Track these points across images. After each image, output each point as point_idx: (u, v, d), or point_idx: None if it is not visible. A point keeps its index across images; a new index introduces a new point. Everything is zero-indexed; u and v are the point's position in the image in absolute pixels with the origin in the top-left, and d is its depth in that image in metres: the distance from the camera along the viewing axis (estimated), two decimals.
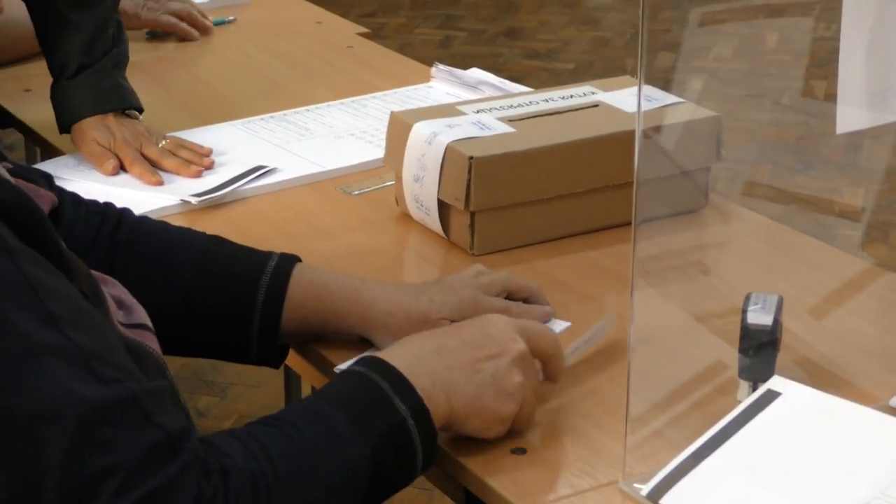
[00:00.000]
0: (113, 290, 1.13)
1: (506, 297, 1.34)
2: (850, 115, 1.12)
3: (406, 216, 1.58)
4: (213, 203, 1.61)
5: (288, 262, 1.31)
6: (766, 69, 2.36)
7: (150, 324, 1.15)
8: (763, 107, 2.54)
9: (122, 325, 1.09)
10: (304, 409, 1.09)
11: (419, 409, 1.08)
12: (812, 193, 1.65)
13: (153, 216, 1.45)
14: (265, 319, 1.30)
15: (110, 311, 1.07)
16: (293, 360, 1.36)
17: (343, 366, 1.24)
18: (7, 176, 1.04)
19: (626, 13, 5.68)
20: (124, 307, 1.13)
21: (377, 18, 5.71)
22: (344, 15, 5.29)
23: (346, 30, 2.33)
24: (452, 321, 1.27)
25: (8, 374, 0.89)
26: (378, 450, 1.05)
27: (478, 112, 1.60)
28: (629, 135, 1.29)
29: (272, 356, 1.33)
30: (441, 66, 1.98)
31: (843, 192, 2.17)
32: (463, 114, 1.59)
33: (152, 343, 1.12)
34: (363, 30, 2.32)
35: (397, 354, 1.13)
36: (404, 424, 1.07)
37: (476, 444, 1.14)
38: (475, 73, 1.98)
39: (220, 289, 1.31)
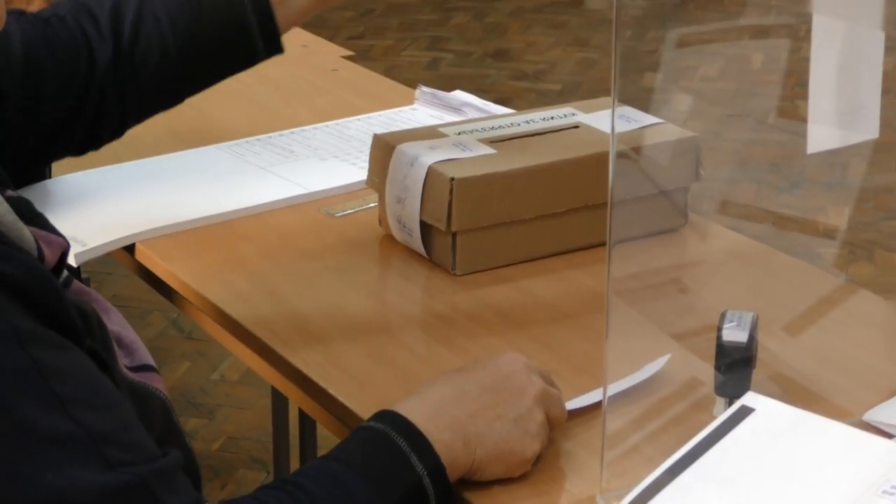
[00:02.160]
0: (113, 325, 1.14)
1: None
2: (821, 135, 1.14)
3: (389, 237, 1.60)
4: (196, 225, 1.62)
5: None
6: (752, 89, 2.38)
7: (153, 362, 1.16)
8: (748, 126, 2.56)
9: (128, 368, 1.10)
10: (320, 472, 1.08)
11: (436, 466, 1.08)
12: (794, 212, 1.67)
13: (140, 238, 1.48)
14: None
15: (117, 357, 1.08)
16: (280, 381, 1.38)
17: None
18: (20, 232, 1.03)
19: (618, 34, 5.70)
20: (125, 346, 1.14)
21: (365, 41, 5.73)
22: (332, 37, 5.32)
23: (331, 53, 2.34)
24: None
25: (16, 466, 0.89)
26: None
27: (459, 134, 1.61)
28: (608, 155, 1.32)
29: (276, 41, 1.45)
30: (425, 89, 2.00)
31: (825, 210, 2.19)
32: (445, 136, 1.61)
33: (158, 384, 1.14)
34: (348, 53, 2.33)
35: (416, 407, 1.13)
36: (420, 483, 1.07)
37: None
38: (458, 96, 1.99)
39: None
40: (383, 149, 1.59)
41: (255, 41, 1.47)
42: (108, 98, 1.49)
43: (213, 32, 1.47)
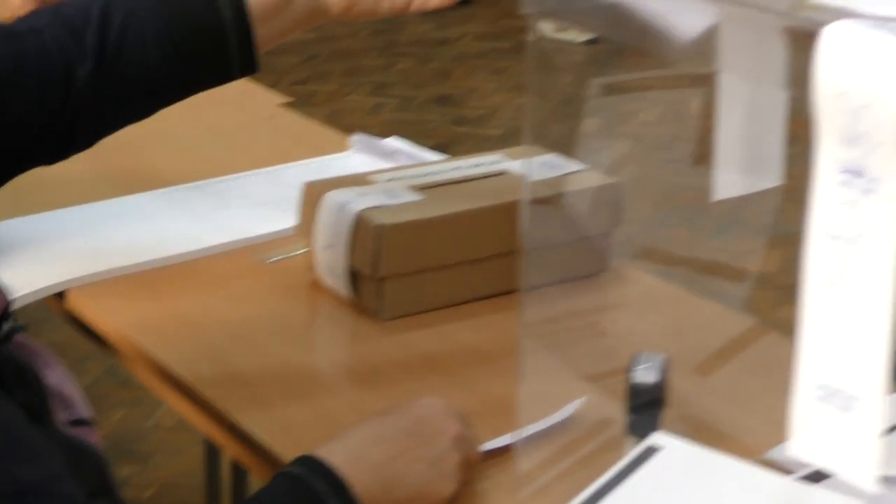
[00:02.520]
0: (53, 379, 1.16)
1: None
2: (728, 182, 1.17)
3: (319, 283, 1.62)
4: (129, 272, 1.64)
5: None
6: (690, 134, 2.43)
7: (90, 416, 1.18)
8: (685, 171, 2.61)
9: (65, 422, 1.12)
10: None
11: None
12: (726, 257, 1.70)
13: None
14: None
15: (54, 411, 1.09)
16: (211, 429, 1.40)
17: None
18: None
19: (555, 80, 5.76)
20: (63, 400, 1.16)
21: (308, 86, 5.75)
22: (275, 83, 5.37)
23: (268, 100, 2.35)
24: None
25: None
26: None
27: (389, 181, 1.65)
28: (543, 203, 1.37)
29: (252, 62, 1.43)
30: (359, 136, 2.02)
31: (757, 254, 2.24)
32: (374, 183, 1.65)
33: (93, 437, 1.15)
34: (286, 100, 2.34)
35: (337, 451, 1.15)
36: None
37: None
38: (392, 143, 2.03)
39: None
40: (313, 196, 1.62)
41: (231, 60, 1.47)
42: (84, 113, 1.47)
43: (192, 51, 1.47)
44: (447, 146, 4.63)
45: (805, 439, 0.91)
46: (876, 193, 0.81)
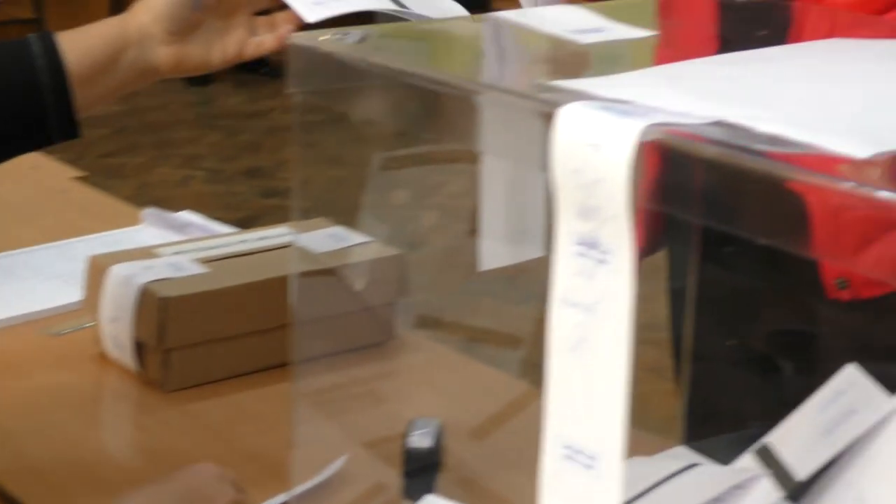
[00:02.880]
0: None
1: None
2: (493, 252, 1.21)
3: (105, 356, 1.61)
4: None
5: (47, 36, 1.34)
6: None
7: None
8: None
9: None
10: None
11: None
12: (523, 322, 1.75)
13: None
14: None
15: None
16: None
17: None
18: None
19: (365, 152, 5.80)
20: None
21: (117, 158, 5.71)
22: (82, 155, 5.32)
23: (61, 174, 2.33)
24: None
25: None
26: None
27: (175, 254, 1.66)
28: (313, 274, 1.39)
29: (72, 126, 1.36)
30: (151, 210, 2.02)
31: (536, 321, 2.30)
32: (160, 256, 1.65)
33: None
34: (80, 174, 2.33)
35: None
36: None
37: None
38: (184, 216, 2.03)
39: None
40: (99, 269, 1.61)
41: (50, 125, 1.45)
42: None
43: (9, 115, 1.46)
44: (256, 218, 4.63)
45: (554, 498, 0.93)
46: (609, 264, 0.85)
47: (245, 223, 2.08)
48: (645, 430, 1.46)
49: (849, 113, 0.91)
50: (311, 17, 1.27)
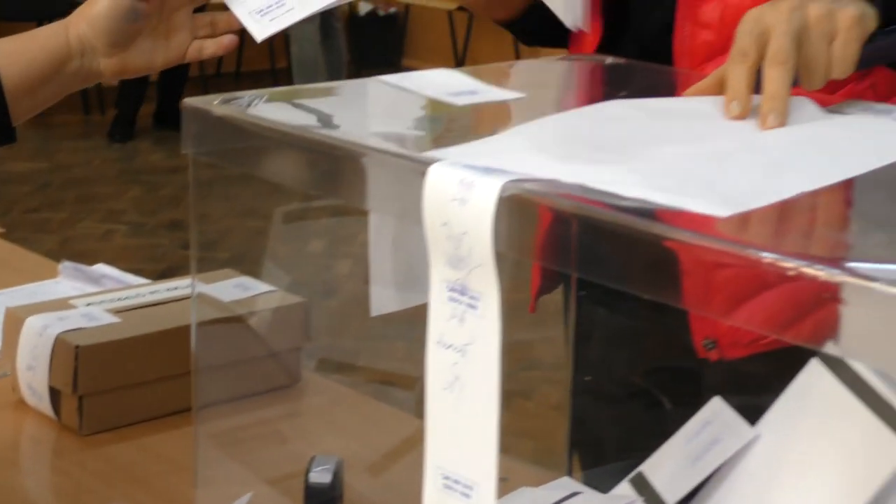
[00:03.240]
0: None
1: None
2: (383, 299, 1.22)
3: (23, 403, 1.60)
4: None
5: None
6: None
7: None
8: None
9: None
10: None
11: None
12: (398, 367, 1.78)
13: None
14: None
15: None
16: None
17: None
18: None
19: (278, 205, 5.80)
20: None
21: (41, 214, 5.67)
22: (7, 210, 5.27)
23: None
24: None
25: None
26: None
27: (89, 305, 1.66)
28: (221, 321, 1.41)
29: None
30: (67, 263, 2.01)
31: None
32: (75, 307, 1.65)
33: None
34: None
35: None
36: None
37: None
38: (99, 268, 2.02)
39: None
40: (15, 321, 1.61)
41: None
42: None
43: None
44: (177, 269, 4.62)
45: None
46: (478, 309, 0.88)
47: (167, 274, 2.10)
48: (539, 465, 1.49)
49: (707, 174, 0.93)
50: (260, 35, 1.28)
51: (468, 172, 0.87)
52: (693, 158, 0.97)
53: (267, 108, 1.11)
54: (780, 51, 1.10)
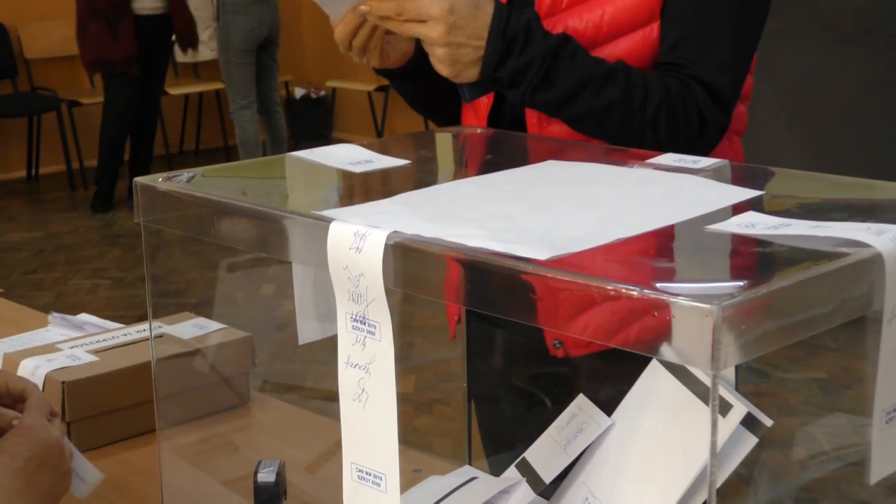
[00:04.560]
0: None
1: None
2: (308, 329, 1.21)
3: None
4: None
5: None
6: None
7: None
8: None
9: None
10: None
11: None
12: (328, 384, 1.78)
13: None
14: None
15: None
16: None
17: None
18: None
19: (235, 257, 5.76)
20: None
21: (37, 274, 5.61)
22: (9, 274, 5.19)
23: None
24: None
25: None
26: None
27: (72, 348, 1.66)
28: (181, 355, 1.41)
29: None
30: (55, 314, 1.99)
31: None
32: (61, 350, 1.65)
33: None
34: None
35: (8, 496, 1.13)
36: None
37: None
38: (82, 317, 2.00)
39: None
40: (11, 364, 1.61)
41: None
42: None
43: None
44: (155, 315, 4.56)
45: None
46: (375, 335, 0.90)
47: (143, 318, 2.07)
48: (452, 459, 1.50)
49: (538, 226, 0.95)
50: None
51: (361, 227, 0.90)
52: (537, 217, 0.99)
53: (202, 183, 1.12)
54: None
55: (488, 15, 1.32)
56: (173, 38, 6.62)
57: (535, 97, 1.37)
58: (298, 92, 8.50)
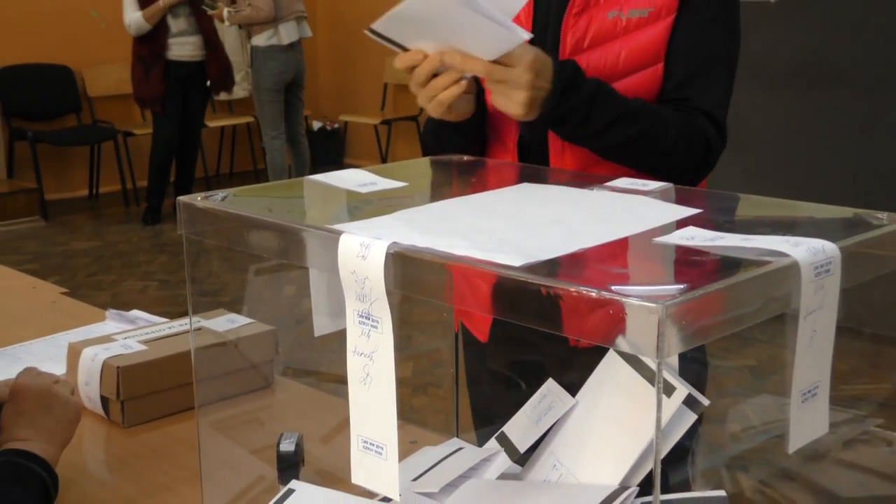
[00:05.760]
0: None
1: None
2: (321, 324, 1.18)
3: (82, 407, 1.59)
4: None
5: None
6: None
7: None
8: None
9: None
10: None
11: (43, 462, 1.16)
12: (340, 370, 1.76)
13: None
14: None
15: None
16: None
17: None
18: None
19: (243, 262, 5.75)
20: None
21: (97, 277, 5.59)
22: (73, 276, 5.16)
23: (51, 290, 2.28)
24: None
25: None
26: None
27: (126, 338, 1.66)
28: (216, 345, 1.40)
29: None
30: (112, 311, 2.00)
31: None
32: (116, 340, 1.65)
33: None
34: (64, 290, 2.27)
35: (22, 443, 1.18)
36: (43, 480, 1.15)
37: None
38: (134, 313, 2.01)
39: None
40: (75, 352, 1.61)
41: None
42: None
43: None
44: (194, 311, 4.54)
45: (361, 474, 0.96)
46: (377, 329, 0.90)
47: (185, 314, 2.06)
48: (442, 432, 1.49)
49: (514, 238, 0.94)
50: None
51: (366, 239, 0.90)
52: (513, 230, 0.98)
53: (234, 201, 1.12)
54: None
55: (550, 62, 1.32)
56: (207, 82, 6.61)
57: (578, 131, 1.38)
58: (316, 125, 8.49)
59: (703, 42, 1.44)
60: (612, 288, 0.76)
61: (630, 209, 1.07)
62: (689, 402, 0.99)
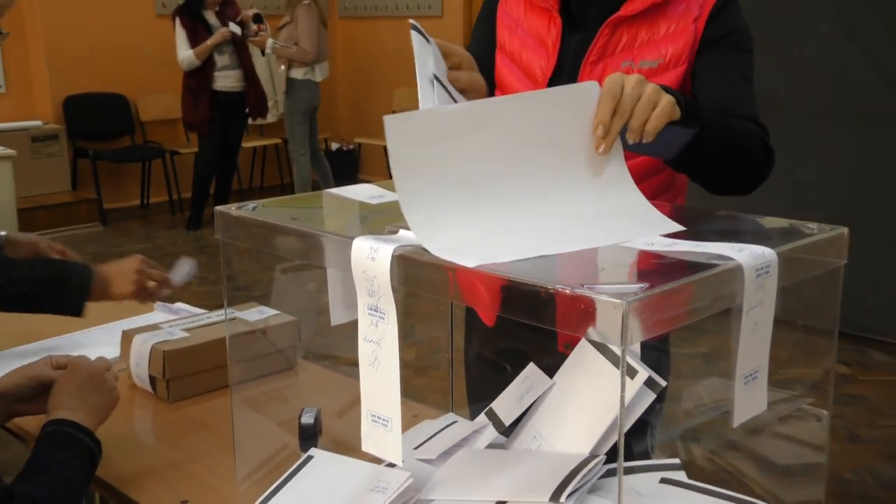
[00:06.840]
0: None
1: None
2: (338, 315, 1.18)
3: (134, 386, 1.60)
4: None
5: None
6: None
7: None
8: None
9: None
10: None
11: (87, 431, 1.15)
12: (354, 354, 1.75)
13: None
14: None
15: None
16: None
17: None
18: None
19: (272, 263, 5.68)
20: None
21: None
22: None
23: None
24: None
25: None
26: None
27: (171, 327, 1.65)
28: (247, 333, 1.39)
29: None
30: (159, 303, 1.98)
31: None
32: (162, 328, 1.65)
33: None
34: None
35: (70, 413, 1.17)
36: (89, 447, 1.14)
37: None
38: (179, 305, 2.00)
39: None
40: (128, 337, 1.61)
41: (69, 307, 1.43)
42: None
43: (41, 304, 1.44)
44: (230, 304, 4.49)
45: (370, 443, 0.96)
46: (384, 319, 0.90)
47: (222, 307, 2.03)
48: (434, 407, 1.49)
49: (504, 245, 0.90)
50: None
51: (375, 243, 0.90)
52: (505, 239, 0.93)
53: (263, 211, 1.11)
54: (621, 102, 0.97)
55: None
56: (247, 109, 6.66)
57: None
58: (334, 145, 8.49)
59: (731, 66, 1.31)
60: (584, 286, 0.76)
61: (606, 217, 1.05)
62: (649, 383, 0.99)
